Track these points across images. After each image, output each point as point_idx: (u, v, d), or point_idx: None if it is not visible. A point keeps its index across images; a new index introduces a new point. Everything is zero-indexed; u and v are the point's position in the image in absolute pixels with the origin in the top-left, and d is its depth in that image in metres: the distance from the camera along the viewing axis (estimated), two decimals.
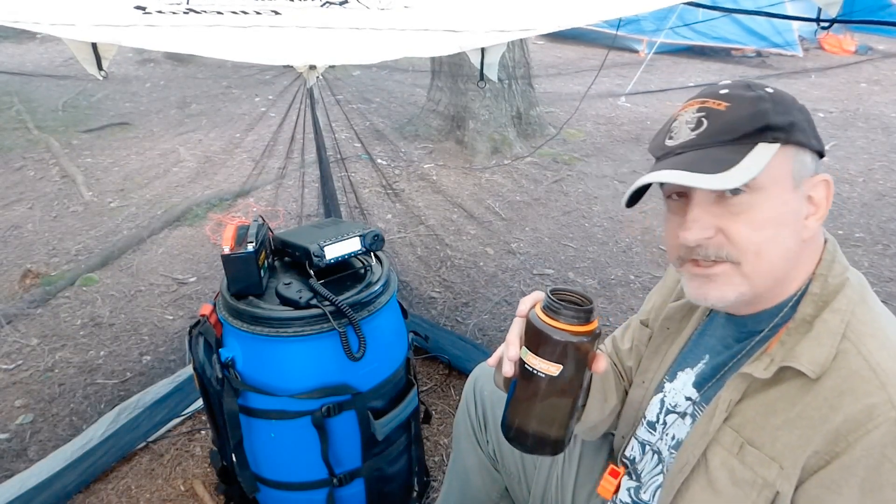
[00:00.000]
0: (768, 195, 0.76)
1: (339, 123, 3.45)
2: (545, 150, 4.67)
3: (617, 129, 5.25)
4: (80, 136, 4.95)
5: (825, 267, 0.81)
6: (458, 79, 4.66)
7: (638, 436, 1.03)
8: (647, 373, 1.05)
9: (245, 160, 4.45)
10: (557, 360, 0.76)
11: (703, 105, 0.80)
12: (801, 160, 0.78)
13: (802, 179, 0.79)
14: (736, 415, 0.81)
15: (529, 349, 0.78)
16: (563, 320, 0.76)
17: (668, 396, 0.98)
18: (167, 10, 1.11)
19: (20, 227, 3.57)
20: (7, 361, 2.46)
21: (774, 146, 0.76)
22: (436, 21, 1.20)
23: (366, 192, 3.88)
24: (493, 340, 2.55)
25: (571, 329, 0.75)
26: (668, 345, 1.02)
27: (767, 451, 0.77)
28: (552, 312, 0.77)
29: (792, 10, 5.90)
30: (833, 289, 0.79)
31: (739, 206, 0.77)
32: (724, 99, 0.79)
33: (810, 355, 0.75)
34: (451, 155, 4.63)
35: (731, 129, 0.77)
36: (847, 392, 0.71)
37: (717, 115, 0.78)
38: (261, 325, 1.43)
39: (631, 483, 1.03)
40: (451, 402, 2.23)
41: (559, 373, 0.76)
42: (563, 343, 0.75)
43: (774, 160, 0.76)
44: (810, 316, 0.79)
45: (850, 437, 0.70)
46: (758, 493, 0.76)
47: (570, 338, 0.75)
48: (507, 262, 3.20)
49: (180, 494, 1.89)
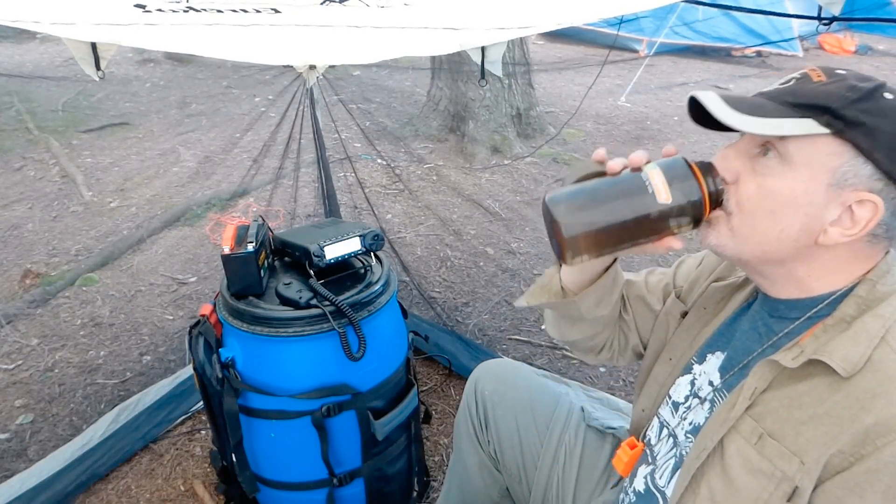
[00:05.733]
0: (793, 172, 0.76)
1: (339, 123, 3.45)
2: (545, 150, 4.67)
3: (617, 129, 5.25)
4: (80, 136, 4.95)
5: (877, 274, 0.79)
6: (459, 79, 4.66)
7: (660, 414, 1.02)
8: (675, 350, 1.03)
9: (245, 160, 4.45)
10: (676, 195, 0.76)
11: (810, 71, 0.79)
12: (854, 165, 0.74)
13: (845, 185, 0.75)
14: (758, 404, 0.80)
15: (659, 169, 0.78)
16: (706, 180, 0.77)
17: (697, 379, 0.96)
18: (167, 9, 1.11)
19: (20, 227, 3.57)
20: (7, 361, 2.46)
21: (824, 130, 0.74)
22: (436, 19, 1.20)
23: (366, 192, 3.88)
24: (493, 340, 2.55)
25: (705, 192, 0.77)
26: (701, 325, 1.01)
27: (789, 445, 0.75)
28: (705, 168, 0.78)
29: (792, 9, 5.92)
30: (880, 295, 0.77)
31: (764, 167, 0.78)
32: (829, 75, 0.78)
33: (844, 352, 0.74)
34: (450, 155, 4.63)
35: (799, 95, 0.76)
36: (881, 395, 0.70)
37: (808, 82, 0.78)
38: (261, 325, 1.43)
39: (646, 469, 1.01)
40: (451, 402, 2.23)
41: (661, 201, 0.76)
42: (692, 188, 0.76)
43: (818, 144, 0.74)
44: (850, 317, 0.77)
45: (879, 440, 0.68)
46: (776, 485, 0.75)
47: (700, 193, 0.76)
48: (507, 262, 3.20)
49: (180, 494, 1.89)
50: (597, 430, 1.26)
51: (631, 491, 1.04)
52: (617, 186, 0.80)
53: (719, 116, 0.75)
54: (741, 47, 7.35)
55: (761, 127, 0.74)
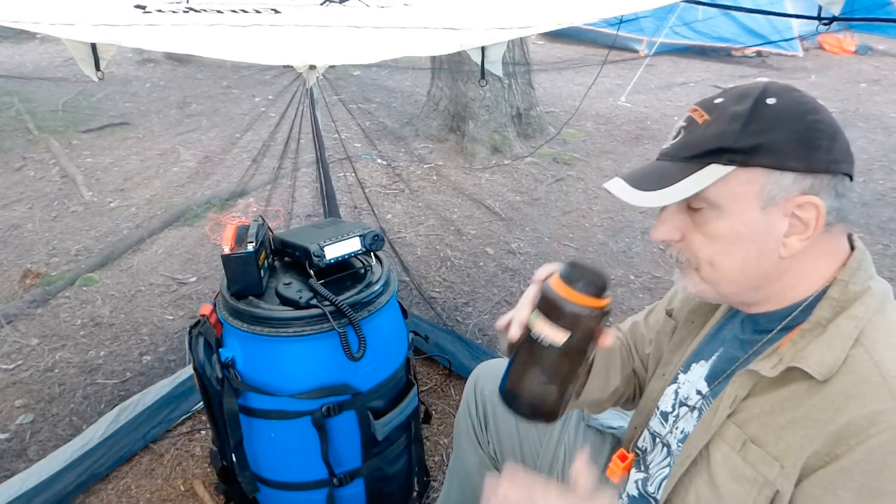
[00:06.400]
0: (726, 213, 0.79)
1: (339, 123, 3.45)
2: (545, 150, 4.67)
3: (617, 129, 5.25)
4: (80, 136, 4.95)
5: (848, 273, 0.80)
6: (459, 79, 4.66)
7: (651, 426, 1.03)
8: (668, 365, 1.05)
9: (245, 160, 4.45)
10: (565, 328, 0.77)
11: (692, 113, 0.82)
12: (774, 181, 0.76)
13: (777, 200, 0.77)
14: (741, 411, 0.82)
15: (543, 313, 0.79)
16: (577, 290, 0.77)
17: (682, 388, 0.98)
18: (167, 9, 1.11)
19: (20, 227, 3.57)
20: (7, 361, 2.46)
21: (728, 168, 0.77)
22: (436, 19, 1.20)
23: (366, 192, 3.88)
24: (493, 340, 2.54)
25: (583, 301, 0.77)
26: (691, 338, 1.03)
27: (770, 450, 0.77)
28: (567, 282, 0.78)
29: (792, 8, 5.92)
30: (852, 295, 0.79)
31: (701, 217, 0.81)
32: (710, 111, 0.80)
33: (819, 357, 0.75)
34: (450, 155, 4.63)
35: (692, 147, 0.80)
36: (854, 396, 0.71)
37: (694, 127, 0.81)
38: (261, 325, 1.43)
39: (639, 475, 1.03)
40: (451, 402, 2.23)
41: (564, 342, 0.77)
42: (573, 313, 0.77)
43: (732, 181, 0.77)
44: (825, 320, 0.78)
45: (852, 440, 0.70)
46: (758, 491, 0.77)
47: (581, 309, 0.77)
48: (507, 262, 3.20)
49: (180, 494, 1.89)
50: (597, 430, 1.27)
51: (624, 495, 1.05)
52: (527, 361, 0.82)
53: (632, 202, 0.80)
54: (741, 47, 7.35)
55: (673, 196, 0.78)
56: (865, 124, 5.16)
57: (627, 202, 0.80)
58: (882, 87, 6.31)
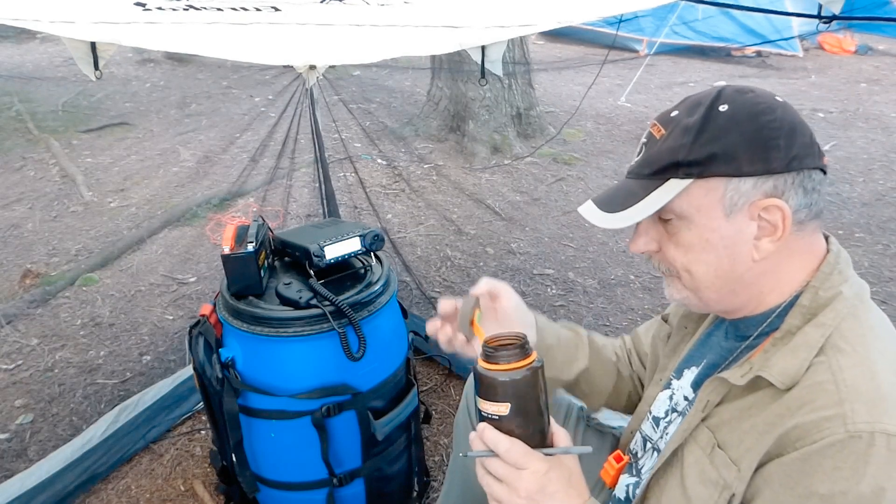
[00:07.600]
0: (693, 223, 0.80)
1: (339, 123, 3.45)
2: (545, 150, 4.67)
3: (617, 129, 5.24)
4: (80, 136, 4.95)
5: (820, 279, 0.80)
6: (459, 78, 4.66)
7: (643, 430, 1.04)
8: (664, 371, 1.06)
9: (245, 160, 4.45)
10: (505, 400, 0.80)
11: (651, 128, 0.84)
12: (734, 188, 0.77)
13: (740, 206, 0.77)
14: (714, 416, 0.83)
15: (480, 396, 0.82)
16: (501, 361, 0.80)
17: (675, 394, 0.99)
18: (167, 7, 1.11)
19: (20, 227, 3.57)
20: (7, 361, 2.45)
21: (686, 181, 0.78)
22: (435, 17, 1.20)
23: (367, 192, 3.88)
24: None
25: (509, 368, 0.80)
26: (684, 343, 1.04)
27: (731, 454, 0.78)
28: (489, 357, 0.81)
29: (792, 7, 5.92)
30: (823, 302, 0.79)
31: (672, 228, 0.83)
32: (666, 125, 0.81)
33: (782, 366, 0.76)
34: (451, 155, 4.63)
35: (651, 163, 0.81)
36: (807, 402, 0.72)
37: (653, 143, 0.82)
38: (261, 325, 1.43)
39: (631, 479, 1.03)
40: (451, 402, 2.23)
41: (509, 410, 0.80)
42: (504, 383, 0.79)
43: (692, 192, 0.78)
44: (795, 327, 0.79)
45: (798, 443, 0.71)
46: (719, 493, 0.78)
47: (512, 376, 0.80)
48: (507, 261, 3.20)
49: (180, 494, 1.89)
50: (596, 430, 1.27)
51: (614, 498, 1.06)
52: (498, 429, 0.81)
53: (600, 225, 0.83)
54: (741, 47, 7.34)
55: (636, 215, 0.80)
56: (865, 124, 5.16)
57: (597, 224, 0.83)
58: (882, 87, 6.31)
